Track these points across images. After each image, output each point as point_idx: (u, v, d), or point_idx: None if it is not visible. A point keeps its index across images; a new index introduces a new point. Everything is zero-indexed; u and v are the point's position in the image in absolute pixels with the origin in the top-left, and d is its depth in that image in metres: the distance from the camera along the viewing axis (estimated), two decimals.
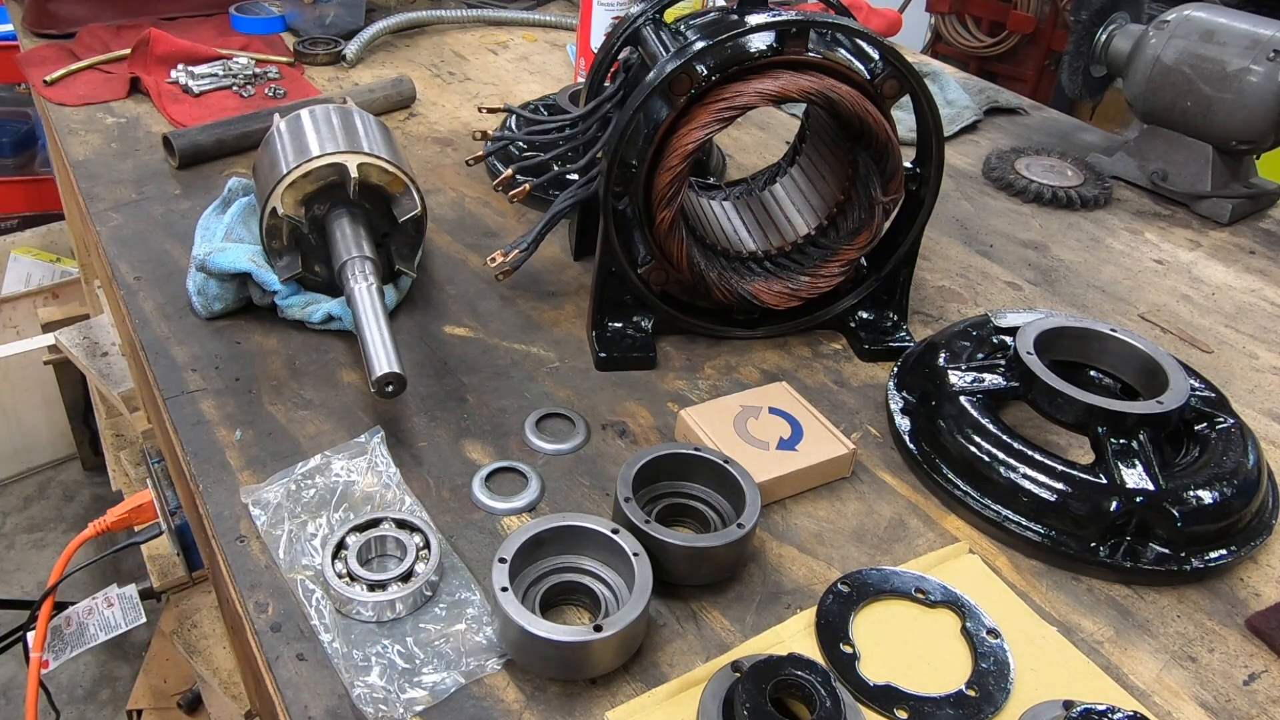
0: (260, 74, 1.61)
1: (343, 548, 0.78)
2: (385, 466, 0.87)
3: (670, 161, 0.95)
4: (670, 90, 0.94)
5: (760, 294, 1.06)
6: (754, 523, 0.78)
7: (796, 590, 0.81)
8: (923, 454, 0.93)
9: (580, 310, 1.13)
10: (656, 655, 0.75)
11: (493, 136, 1.13)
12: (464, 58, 1.81)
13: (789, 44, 0.95)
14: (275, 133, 1.09)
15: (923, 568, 0.82)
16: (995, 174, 1.52)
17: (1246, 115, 1.38)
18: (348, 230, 1.02)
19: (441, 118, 1.57)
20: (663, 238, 1.00)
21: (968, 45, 3.49)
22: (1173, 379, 0.90)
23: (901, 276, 1.11)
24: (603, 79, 1.15)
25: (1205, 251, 1.38)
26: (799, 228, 1.13)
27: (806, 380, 1.05)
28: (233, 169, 1.35)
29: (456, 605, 0.77)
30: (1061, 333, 0.97)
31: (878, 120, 0.98)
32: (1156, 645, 0.79)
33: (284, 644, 0.73)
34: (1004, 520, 0.86)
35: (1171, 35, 1.43)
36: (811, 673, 0.67)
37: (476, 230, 1.27)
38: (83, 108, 1.50)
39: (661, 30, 1.04)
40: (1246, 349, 1.18)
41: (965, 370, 0.95)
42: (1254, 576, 0.86)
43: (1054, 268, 1.31)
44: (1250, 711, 0.74)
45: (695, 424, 0.92)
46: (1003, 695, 0.72)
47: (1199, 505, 0.83)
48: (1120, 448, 0.86)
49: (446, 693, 0.70)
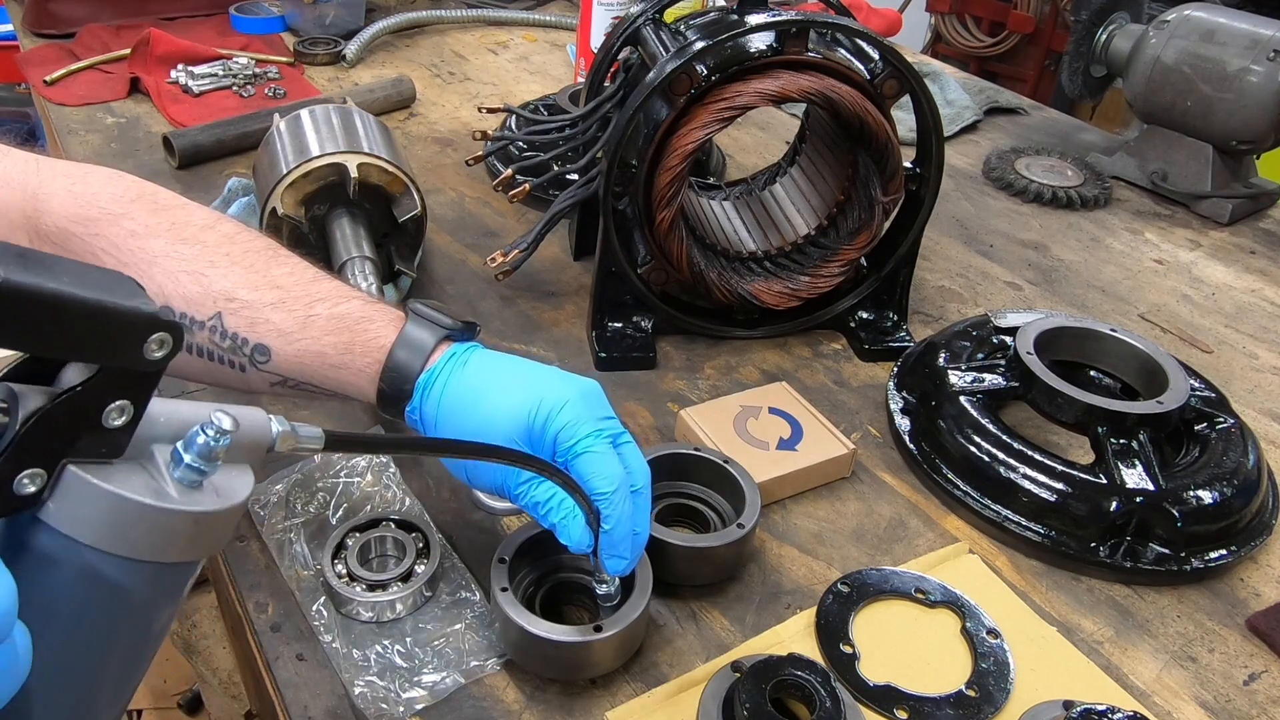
0: (260, 74, 1.61)
1: (343, 548, 0.78)
2: (385, 466, 0.87)
3: (670, 161, 0.95)
4: (670, 90, 0.94)
5: (760, 294, 1.06)
6: (754, 523, 0.78)
7: (796, 590, 0.81)
8: (923, 454, 0.93)
9: (580, 310, 1.13)
10: (656, 655, 0.75)
11: (493, 136, 1.13)
12: (464, 58, 1.81)
13: (789, 44, 0.95)
14: (275, 133, 1.09)
15: (923, 568, 0.82)
16: (995, 174, 1.52)
17: (1246, 115, 1.38)
18: (348, 230, 1.02)
19: (441, 118, 1.57)
20: (663, 238, 1.00)
21: (968, 45, 3.48)
22: (1173, 379, 0.90)
23: (901, 276, 1.11)
24: (603, 79, 1.15)
25: (1205, 251, 1.38)
26: (799, 228, 1.14)
27: (806, 380, 1.05)
28: (233, 169, 1.35)
29: (456, 605, 0.77)
30: (1061, 333, 0.97)
31: (878, 120, 0.98)
32: (1156, 645, 0.79)
33: (284, 644, 0.73)
34: (1004, 520, 0.86)
35: (1171, 35, 1.43)
36: (811, 673, 0.67)
37: (476, 230, 1.27)
38: (83, 108, 1.50)
39: (661, 30, 1.04)
40: (1246, 349, 1.18)
41: (965, 370, 0.95)
42: (1254, 576, 0.86)
43: (1054, 268, 1.31)
44: (1250, 711, 0.74)
45: (695, 424, 0.92)
46: (1003, 695, 0.72)
47: (1199, 505, 0.83)
48: (1120, 448, 0.86)
49: (446, 692, 0.70)
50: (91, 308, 0.34)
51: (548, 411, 0.68)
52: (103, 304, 0.35)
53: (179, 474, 0.39)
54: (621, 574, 0.69)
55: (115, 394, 0.37)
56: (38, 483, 0.36)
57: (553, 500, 0.68)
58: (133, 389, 0.37)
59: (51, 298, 0.33)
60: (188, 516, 0.38)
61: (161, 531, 0.38)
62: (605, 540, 0.67)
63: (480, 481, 0.72)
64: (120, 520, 0.37)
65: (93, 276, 0.35)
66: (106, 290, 0.35)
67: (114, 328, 0.35)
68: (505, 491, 0.70)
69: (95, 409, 0.36)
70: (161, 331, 0.37)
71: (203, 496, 0.39)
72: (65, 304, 0.33)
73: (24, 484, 0.35)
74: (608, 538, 0.67)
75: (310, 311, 0.73)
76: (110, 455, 0.37)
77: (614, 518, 0.67)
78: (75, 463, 0.36)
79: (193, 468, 0.39)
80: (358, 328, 0.73)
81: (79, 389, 0.36)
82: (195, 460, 0.39)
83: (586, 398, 0.70)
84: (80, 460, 0.36)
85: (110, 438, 0.37)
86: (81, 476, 0.36)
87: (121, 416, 0.37)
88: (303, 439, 0.44)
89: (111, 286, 0.36)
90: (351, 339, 0.73)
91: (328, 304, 0.74)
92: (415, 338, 0.73)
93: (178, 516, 0.38)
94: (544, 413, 0.68)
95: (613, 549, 0.68)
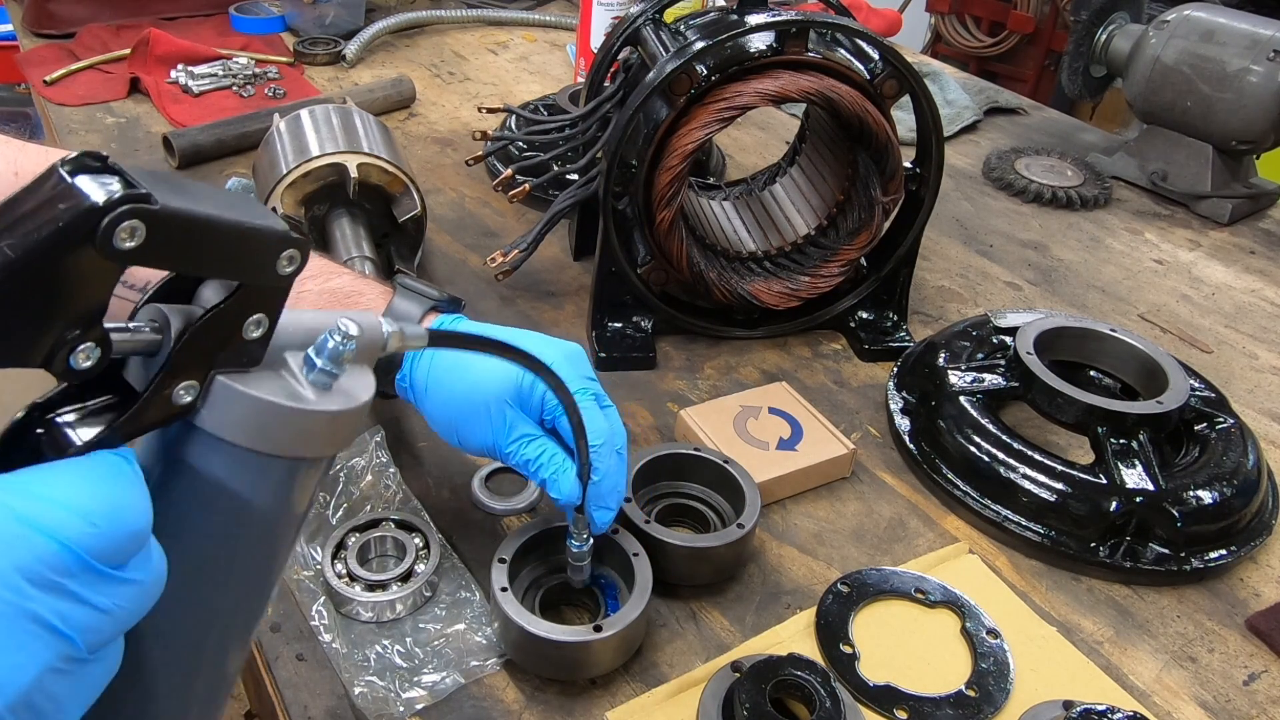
0: (260, 74, 1.61)
1: (342, 548, 0.78)
2: (385, 466, 0.87)
3: (670, 161, 0.95)
4: (670, 90, 0.94)
5: (760, 294, 1.06)
6: (754, 523, 0.78)
7: (796, 590, 0.81)
8: (923, 454, 0.93)
9: (580, 310, 1.13)
10: (656, 655, 0.75)
11: (493, 136, 1.13)
12: (464, 58, 1.81)
13: (789, 44, 0.95)
14: (275, 133, 1.09)
15: (923, 568, 0.82)
16: (995, 174, 1.52)
17: (1246, 115, 1.38)
18: (348, 230, 1.02)
19: (441, 118, 1.57)
20: (663, 238, 1.00)
21: (968, 45, 3.48)
22: (1172, 379, 0.90)
23: (901, 276, 1.11)
24: (603, 79, 1.15)
25: (1205, 251, 1.38)
26: (799, 228, 1.13)
27: (806, 380, 1.05)
28: (233, 169, 1.35)
29: (456, 605, 0.77)
30: (1061, 333, 0.97)
31: (878, 120, 0.98)
32: (1156, 645, 0.79)
33: (284, 644, 0.73)
34: (1004, 520, 0.86)
35: (1171, 35, 1.43)
36: (811, 673, 0.67)
37: (476, 230, 1.27)
38: (83, 108, 1.50)
39: (661, 30, 1.04)
40: (1246, 349, 1.18)
41: (965, 370, 0.95)
42: (1254, 576, 0.86)
43: (1054, 268, 1.31)
44: (1250, 711, 0.74)
45: (695, 424, 0.92)
46: (1003, 695, 0.72)
47: (1199, 505, 0.83)
48: (1120, 448, 0.86)
49: (446, 692, 0.70)
50: (234, 229, 0.37)
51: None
52: (243, 225, 0.37)
53: (313, 377, 0.42)
54: (605, 527, 0.72)
55: (253, 308, 0.39)
56: (192, 393, 0.38)
57: (543, 456, 0.71)
58: (267, 302, 0.40)
59: (202, 221, 0.36)
60: (324, 415, 0.41)
61: (302, 431, 0.41)
62: (594, 491, 0.70)
63: (471, 443, 0.74)
64: (267, 422, 0.40)
65: (227, 199, 0.38)
66: (243, 212, 0.38)
67: (253, 247, 0.38)
68: (496, 451, 0.73)
69: (236, 323, 0.39)
70: (291, 248, 0.39)
71: (334, 396, 0.42)
72: (213, 226, 0.36)
73: (181, 395, 0.38)
74: (596, 489, 0.70)
75: (302, 287, 0.75)
76: (250, 364, 0.40)
77: (603, 469, 0.70)
78: (222, 372, 0.39)
79: (325, 371, 0.42)
80: (348, 301, 0.77)
81: (222, 306, 0.38)
82: (327, 364, 0.42)
83: (571, 358, 0.74)
84: (225, 370, 0.39)
85: (250, 348, 0.40)
86: (229, 385, 0.39)
87: (259, 329, 0.40)
88: (409, 337, 0.47)
89: (245, 207, 0.38)
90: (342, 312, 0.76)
91: (318, 280, 0.77)
92: (403, 309, 0.77)
93: (315, 416, 0.41)
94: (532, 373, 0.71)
95: (601, 500, 0.71)
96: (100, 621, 0.33)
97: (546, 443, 0.72)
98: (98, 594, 0.33)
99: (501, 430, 0.72)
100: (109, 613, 0.34)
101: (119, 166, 0.35)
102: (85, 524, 0.33)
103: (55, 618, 0.32)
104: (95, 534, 0.33)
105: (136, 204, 0.33)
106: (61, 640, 0.32)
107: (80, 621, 0.33)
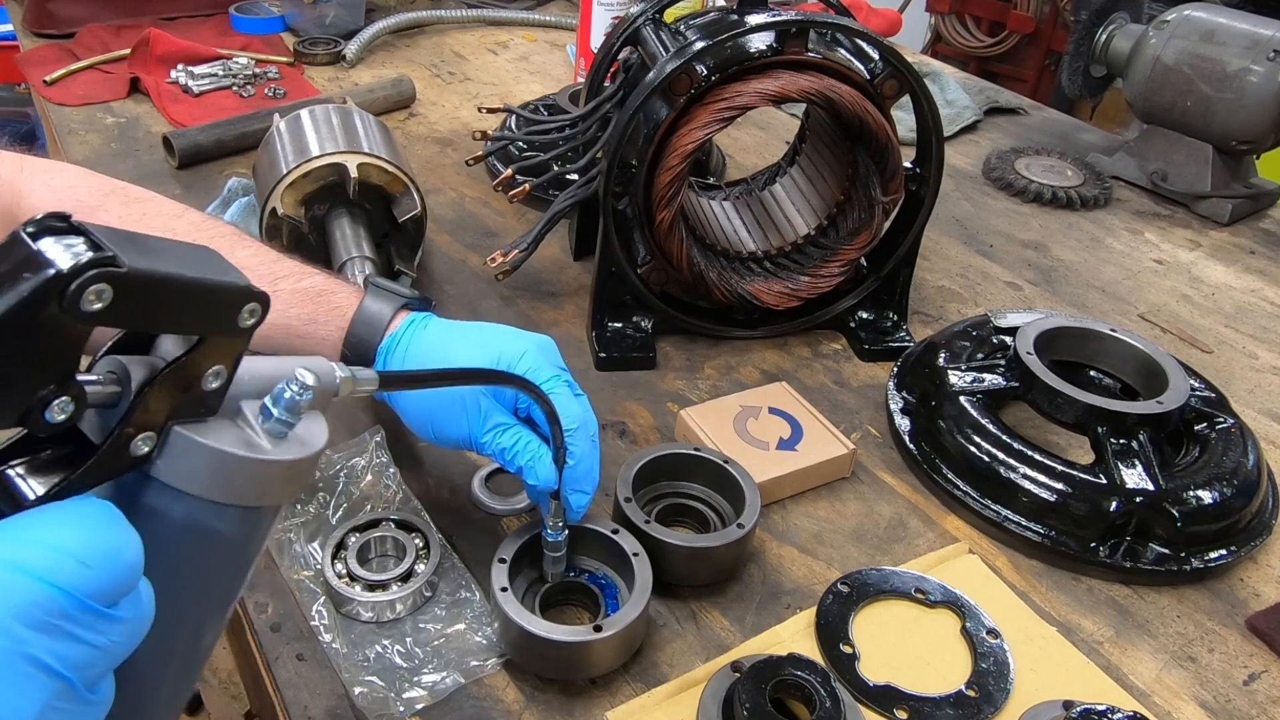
0: (260, 74, 1.61)
1: (342, 548, 0.78)
2: (385, 466, 0.87)
3: (670, 161, 0.95)
4: (670, 90, 0.94)
5: (760, 294, 1.06)
6: (754, 523, 0.78)
7: (796, 590, 0.81)
8: (923, 454, 0.93)
9: (580, 310, 1.13)
10: (656, 655, 0.75)
11: (493, 136, 1.13)
12: (464, 58, 1.81)
13: (789, 44, 0.95)
14: (275, 133, 1.09)
15: (923, 568, 0.82)
16: (995, 174, 1.52)
17: (1246, 115, 1.38)
18: (347, 230, 1.02)
19: (441, 118, 1.57)
20: (663, 238, 1.00)
21: (968, 45, 3.48)
22: (1172, 379, 0.90)
23: (901, 276, 1.11)
24: (603, 79, 1.15)
25: (1205, 251, 1.38)
26: (799, 228, 1.13)
27: (806, 380, 1.05)
28: (233, 169, 1.35)
29: (456, 605, 0.77)
30: (1061, 333, 0.97)
31: (878, 120, 0.98)
32: (1156, 645, 0.79)
33: (284, 644, 0.73)
34: (1004, 520, 0.86)
35: (1171, 35, 1.43)
36: (811, 673, 0.67)
37: (476, 230, 1.27)
38: (83, 108, 1.50)
39: (661, 30, 1.04)
40: (1246, 349, 1.18)
41: (965, 370, 0.95)
42: (1254, 576, 0.86)
43: (1054, 268, 1.31)
44: (1250, 711, 0.74)
45: (695, 424, 0.92)
46: (1003, 695, 0.72)
47: (1199, 505, 0.83)
48: (1120, 448, 0.86)
49: (446, 692, 0.70)
50: (199, 286, 0.38)
51: (508, 362, 0.73)
52: (207, 282, 0.38)
53: (269, 426, 0.43)
54: (581, 511, 0.74)
55: (213, 360, 0.40)
56: (149, 444, 0.39)
57: (518, 444, 0.72)
58: (227, 354, 0.41)
59: (168, 280, 0.36)
60: (280, 465, 0.42)
61: (258, 480, 0.42)
62: (569, 475, 0.72)
63: (447, 435, 0.75)
64: (222, 472, 0.41)
65: (187, 255, 0.38)
66: (206, 268, 0.39)
67: (215, 302, 0.39)
68: (471, 441, 0.74)
69: (196, 374, 0.40)
70: (253, 302, 0.40)
71: (290, 445, 0.43)
72: (179, 285, 0.37)
73: (138, 445, 0.39)
74: (571, 472, 0.72)
75: (275, 287, 0.77)
76: (207, 413, 0.41)
77: (578, 453, 0.72)
78: (179, 423, 0.40)
79: (281, 420, 0.43)
80: (321, 299, 0.79)
81: (183, 359, 0.39)
82: (283, 414, 0.43)
83: (543, 348, 0.76)
84: (182, 420, 0.40)
85: (208, 398, 0.41)
86: (186, 435, 0.40)
87: (218, 380, 0.41)
88: (360, 381, 0.48)
89: (205, 263, 0.39)
90: (315, 310, 0.78)
91: (291, 280, 0.79)
92: (375, 307, 0.78)
93: (271, 465, 0.42)
94: (505, 363, 0.73)
95: (577, 484, 0.73)
96: (94, 657, 0.34)
97: (521, 430, 0.73)
98: (92, 632, 0.34)
99: (477, 420, 0.73)
100: (103, 649, 0.34)
101: (84, 226, 0.35)
102: (77, 565, 0.34)
103: (51, 658, 0.33)
104: (88, 574, 0.34)
105: (103, 268, 0.34)
106: (58, 680, 0.33)
107: (76, 660, 0.33)
